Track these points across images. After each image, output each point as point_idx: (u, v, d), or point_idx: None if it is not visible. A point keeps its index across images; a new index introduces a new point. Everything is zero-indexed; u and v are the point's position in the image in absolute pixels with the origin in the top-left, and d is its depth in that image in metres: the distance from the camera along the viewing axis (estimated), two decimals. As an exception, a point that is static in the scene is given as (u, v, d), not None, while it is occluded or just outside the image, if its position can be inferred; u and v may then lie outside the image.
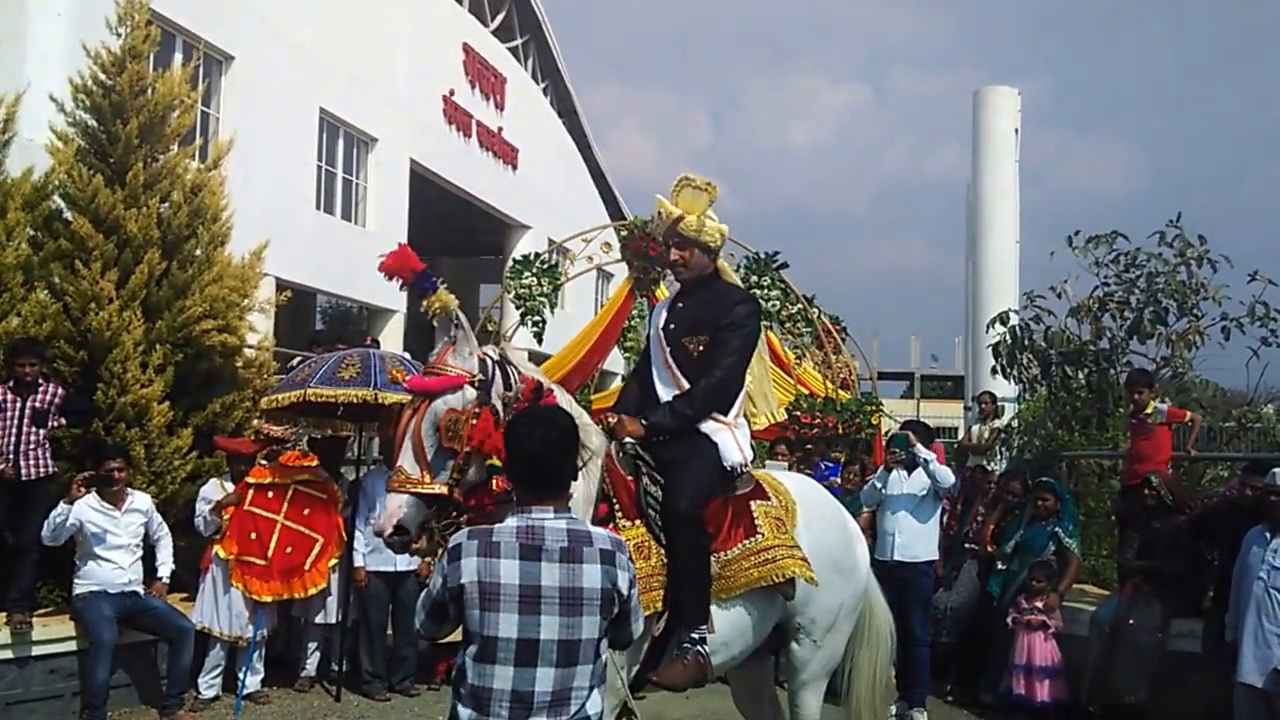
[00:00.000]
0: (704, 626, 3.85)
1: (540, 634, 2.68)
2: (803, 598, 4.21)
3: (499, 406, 3.56)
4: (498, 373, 3.64)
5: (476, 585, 2.70)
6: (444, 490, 3.43)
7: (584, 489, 3.70)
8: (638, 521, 3.81)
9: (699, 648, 3.83)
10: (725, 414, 4.11)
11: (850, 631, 4.61)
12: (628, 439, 3.94)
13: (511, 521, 2.80)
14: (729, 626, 4.00)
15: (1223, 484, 8.27)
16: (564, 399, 3.84)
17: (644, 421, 4.01)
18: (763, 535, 4.07)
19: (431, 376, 3.56)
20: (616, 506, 3.82)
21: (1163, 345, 9.58)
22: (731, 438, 4.09)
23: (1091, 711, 6.82)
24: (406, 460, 3.44)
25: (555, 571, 2.72)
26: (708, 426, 4.08)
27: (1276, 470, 5.85)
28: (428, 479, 3.41)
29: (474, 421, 3.45)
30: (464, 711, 2.75)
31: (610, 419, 4.03)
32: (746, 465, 4.16)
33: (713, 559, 3.93)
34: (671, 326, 4.24)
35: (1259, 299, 9.26)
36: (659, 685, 3.93)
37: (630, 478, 3.90)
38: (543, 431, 2.88)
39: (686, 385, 4.10)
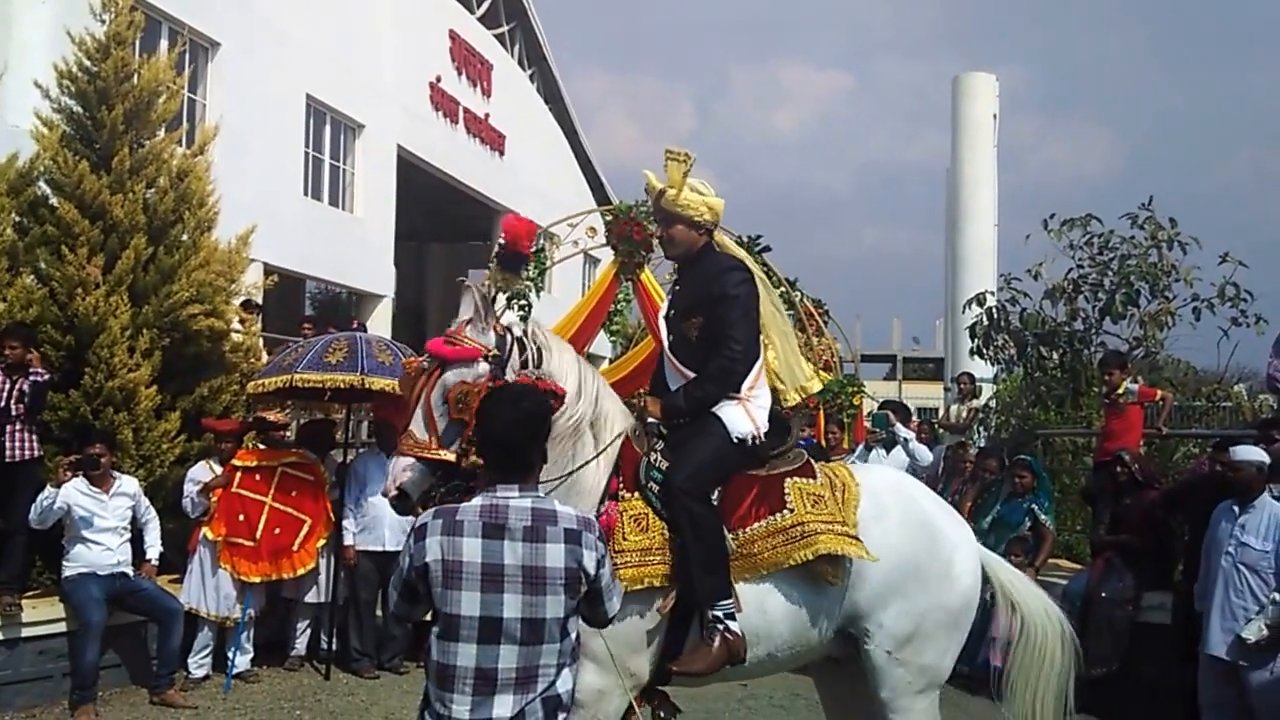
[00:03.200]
0: (728, 601, 3.60)
1: (503, 612, 2.71)
2: (868, 597, 3.88)
3: (513, 380, 3.54)
4: (515, 348, 3.64)
5: (440, 563, 2.73)
6: (451, 457, 3.40)
7: (591, 469, 3.71)
8: (636, 494, 3.71)
9: (728, 624, 3.57)
10: (738, 391, 3.91)
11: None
12: (650, 419, 3.89)
13: (477, 500, 2.84)
14: (761, 610, 3.74)
15: (1194, 460, 8.42)
16: (593, 384, 3.81)
17: (661, 405, 3.93)
18: (791, 511, 3.79)
19: (449, 345, 3.56)
20: (620, 480, 3.74)
21: (1135, 326, 9.75)
22: (741, 410, 3.86)
23: (1064, 682, 6.96)
24: (417, 426, 3.44)
25: (518, 550, 2.74)
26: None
27: (1235, 449, 5.98)
28: (435, 445, 3.41)
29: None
30: (432, 689, 2.80)
31: (640, 400, 4.01)
32: (760, 436, 3.86)
33: (730, 536, 3.73)
34: (672, 312, 4.11)
35: (1229, 280, 9.43)
36: (683, 674, 3.61)
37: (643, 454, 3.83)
38: (508, 411, 2.88)
39: (688, 371, 3.92)
